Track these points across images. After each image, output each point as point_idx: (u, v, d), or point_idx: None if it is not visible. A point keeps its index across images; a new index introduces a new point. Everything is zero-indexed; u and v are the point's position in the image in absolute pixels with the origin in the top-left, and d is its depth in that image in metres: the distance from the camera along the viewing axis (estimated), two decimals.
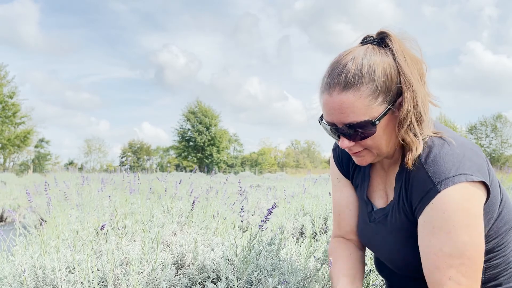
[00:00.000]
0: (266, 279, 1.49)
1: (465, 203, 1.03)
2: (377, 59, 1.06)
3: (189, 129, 46.69)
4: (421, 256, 1.10)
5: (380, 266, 1.40)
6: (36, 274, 1.51)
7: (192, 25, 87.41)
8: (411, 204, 1.12)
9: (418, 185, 1.08)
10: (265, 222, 1.47)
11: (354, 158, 1.18)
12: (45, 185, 2.73)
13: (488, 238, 1.15)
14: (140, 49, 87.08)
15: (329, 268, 1.32)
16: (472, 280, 1.04)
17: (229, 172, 36.27)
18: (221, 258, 1.68)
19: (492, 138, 47.83)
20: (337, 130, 1.10)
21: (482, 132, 48.15)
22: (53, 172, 15.75)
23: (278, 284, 1.48)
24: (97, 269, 1.52)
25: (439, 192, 1.03)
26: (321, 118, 1.16)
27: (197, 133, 45.69)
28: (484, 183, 1.06)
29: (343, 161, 1.37)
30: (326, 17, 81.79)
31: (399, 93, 1.07)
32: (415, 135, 1.07)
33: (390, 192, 1.24)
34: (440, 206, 1.03)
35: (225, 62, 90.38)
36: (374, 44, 1.10)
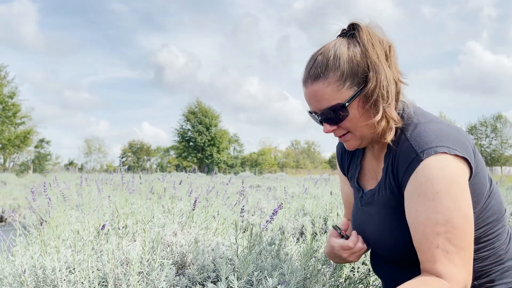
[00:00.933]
0: (266, 279, 1.49)
1: (447, 172, 1.07)
2: (343, 49, 1.17)
3: (189, 129, 46.68)
4: (410, 229, 1.13)
5: (376, 266, 1.42)
6: (37, 274, 1.51)
7: (192, 25, 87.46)
8: (398, 178, 1.16)
9: (403, 157, 1.14)
10: (270, 222, 1.47)
11: (345, 144, 1.27)
12: (44, 186, 2.73)
13: (475, 226, 1.16)
14: (140, 49, 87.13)
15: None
16: (460, 249, 1.06)
17: (229, 172, 36.27)
18: (221, 258, 1.68)
19: (492, 138, 47.84)
20: (318, 117, 1.22)
21: (482, 132, 48.16)
22: (53, 172, 15.75)
23: (278, 284, 1.48)
24: (97, 269, 1.52)
25: (421, 160, 1.09)
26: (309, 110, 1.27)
27: (197, 133, 45.68)
28: (467, 161, 1.10)
29: (341, 156, 1.47)
30: (325, 16, 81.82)
31: (366, 77, 1.15)
32: (384, 110, 1.15)
33: (379, 176, 1.30)
34: (423, 174, 1.08)
35: (224, 62, 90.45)
36: (345, 37, 1.20)
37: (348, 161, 1.43)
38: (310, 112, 1.25)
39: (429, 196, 1.07)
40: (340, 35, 1.22)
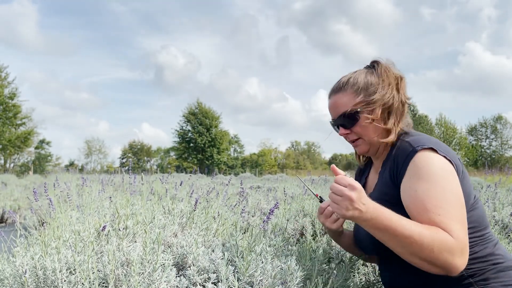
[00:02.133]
0: (267, 280, 1.49)
1: (439, 161, 1.30)
2: (362, 74, 1.51)
3: (189, 130, 46.62)
4: (409, 208, 1.29)
5: (382, 274, 1.52)
6: (37, 275, 1.52)
7: (191, 26, 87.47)
8: (396, 171, 1.37)
9: (401, 153, 1.37)
10: (267, 222, 1.49)
11: (356, 149, 1.55)
12: (45, 187, 2.74)
13: None
14: (140, 50, 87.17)
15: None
16: (458, 220, 1.22)
17: (230, 173, 36.27)
18: (222, 259, 1.69)
19: (492, 139, 47.82)
20: (336, 122, 1.53)
21: (482, 133, 48.14)
22: (54, 173, 15.76)
23: (279, 285, 1.48)
24: (98, 270, 1.52)
25: (417, 151, 1.32)
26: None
27: (198, 134, 45.64)
28: (454, 167, 1.32)
29: (356, 176, 1.77)
30: (325, 17, 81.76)
31: (378, 95, 1.45)
32: (393, 124, 1.46)
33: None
34: (419, 161, 1.30)
35: (224, 63, 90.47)
36: (367, 68, 1.56)
37: (359, 180, 1.70)
38: (331, 121, 1.56)
39: (426, 178, 1.27)
40: (364, 67, 1.56)
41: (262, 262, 1.53)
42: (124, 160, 53.17)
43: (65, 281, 1.49)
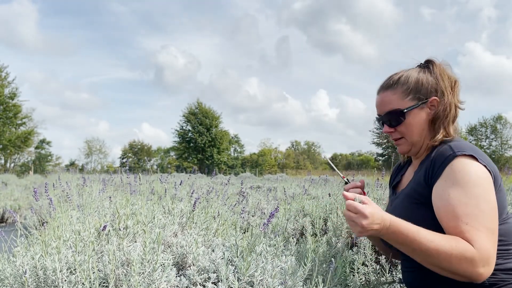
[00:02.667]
0: (267, 280, 1.49)
1: (477, 169, 1.29)
2: (414, 73, 1.47)
3: (189, 130, 46.60)
4: (439, 212, 1.30)
5: (404, 274, 1.56)
6: (38, 275, 1.52)
7: (191, 26, 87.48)
8: (431, 172, 1.36)
9: (440, 155, 1.36)
10: (267, 224, 1.48)
11: (397, 148, 1.54)
12: (46, 186, 2.74)
13: None
14: (140, 50, 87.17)
15: None
16: (487, 229, 1.22)
17: (230, 173, 36.27)
18: (222, 259, 1.69)
19: (492, 139, 47.79)
20: (381, 118, 1.51)
21: (482, 133, 48.12)
22: (54, 173, 15.76)
23: (279, 285, 1.48)
24: (98, 270, 1.52)
25: (456, 156, 1.31)
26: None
27: (198, 134, 45.63)
28: (493, 178, 1.31)
29: (394, 174, 1.76)
30: (325, 17, 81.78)
31: (429, 97, 1.44)
32: (444, 126, 1.44)
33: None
34: (457, 166, 1.30)
35: (224, 63, 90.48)
36: (420, 67, 1.52)
37: (395, 176, 1.70)
38: (377, 117, 1.55)
39: (461, 184, 1.27)
40: (417, 66, 1.53)
41: (262, 262, 1.53)
42: (124, 160, 53.18)
43: (65, 281, 1.50)
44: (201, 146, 45.81)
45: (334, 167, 1.56)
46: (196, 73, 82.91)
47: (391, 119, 1.47)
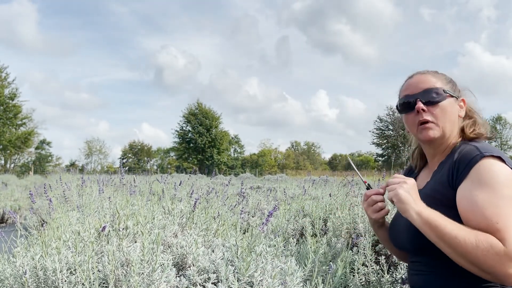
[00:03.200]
0: (267, 280, 1.49)
1: (505, 170, 1.26)
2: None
3: (189, 131, 46.61)
4: (466, 213, 1.27)
5: (410, 278, 1.52)
6: (37, 276, 1.52)
7: (191, 26, 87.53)
8: (456, 172, 1.33)
9: (465, 155, 1.32)
10: (266, 224, 1.48)
11: (424, 132, 1.44)
12: (45, 187, 2.74)
13: None
14: (139, 50, 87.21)
15: None
16: None
17: (230, 174, 36.26)
18: (222, 259, 1.69)
19: (491, 139, 47.76)
20: (416, 96, 1.43)
21: None
22: (54, 173, 15.75)
23: (279, 285, 1.48)
24: (98, 270, 1.52)
25: (484, 157, 1.28)
26: (397, 108, 1.53)
27: (198, 135, 45.62)
28: None
29: (405, 172, 1.73)
30: (325, 17, 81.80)
31: (459, 96, 1.46)
32: (472, 126, 1.45)
33: (424, 184, 1.50)
34: (486, 166, 1.27)
35: (224, 63, 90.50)
36: None
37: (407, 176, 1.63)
38: (405, 98, 1.46)
39: (490, 184, 1.24)
40: None
41: (262, 263, 1.53)
42: (124, 161, 53.18)
43: (65, 281, 1.50)
44: (201, 146, 45.81)
45: (358, 173, 1.58)
46: (196, 73, 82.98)
47: (429, 96, 1.41)
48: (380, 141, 49.73)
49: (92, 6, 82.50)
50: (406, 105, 1.46)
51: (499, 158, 1.28)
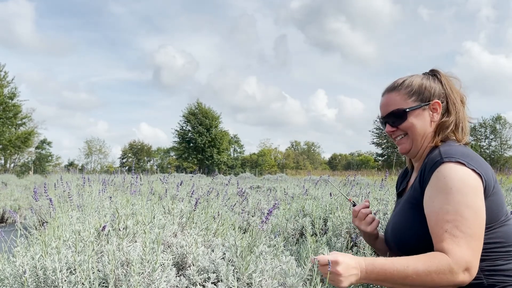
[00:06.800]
0: (266, 280, 1.50)
1: (462, 175, 1.30)
2: (418, 78, 1.53)
3: (189, 131, 46.59)
4: (426, 218, 1.33)
5: None
6: (37, 275, 1.52)
7: (189, 26, 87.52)
8: (423, 177, 1.38)
9: (431, 160, 1.39)
10: (265, 222, 1.48)
11: (399, 147, 1.57)
12: (45, 187, 2.74)
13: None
14: (138, 50, 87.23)
15: None
16: (467, 235, 1.24)
17: (230, 173, 36.27)
18: (222, 259, 1.69)
19: (491, 139, 47.80)
20: (384, 118, 1.56)
21: (482, 133, 48.13)
22: (54, 173, 15.75)
23: (278, 285, 1.48)
24: (98, 270, 1.52)
25: (443, 162, 1.33)
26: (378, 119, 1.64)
27: (198, 135, 45.61)
28: (482, 179, 1.31)
29: (399, 180, 1.79)
30: (323, 16, 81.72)
31: (431, 100, 1.49)
32: (447, 133, 1.48)
33: None
34: (442, 172, 1.32)
35: (222, 62, 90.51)
36: (425, 74, 1.57)
37: (400, 183, 1.73)
38: (379, 117, 1.60)
39: (444, 190, 1.29)
40: (422, 73, 1.58)
41: (262, 262, 1.53)
42: (124, 160, 53.20)
43: (65, 281, 1.50)
44: (201, 146, 45.79)
45: (343, 193, 1.76)
46: (194, 73, 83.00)
47: (393, 118, 1.52)
48: (380, 141, 49.73)
49: (91, 6, 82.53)
50: (382, 125, 1.60)
51: (459, 162, 1.31)
